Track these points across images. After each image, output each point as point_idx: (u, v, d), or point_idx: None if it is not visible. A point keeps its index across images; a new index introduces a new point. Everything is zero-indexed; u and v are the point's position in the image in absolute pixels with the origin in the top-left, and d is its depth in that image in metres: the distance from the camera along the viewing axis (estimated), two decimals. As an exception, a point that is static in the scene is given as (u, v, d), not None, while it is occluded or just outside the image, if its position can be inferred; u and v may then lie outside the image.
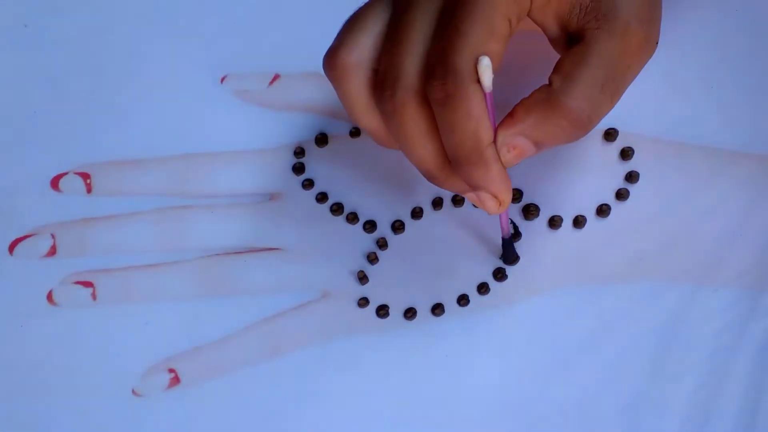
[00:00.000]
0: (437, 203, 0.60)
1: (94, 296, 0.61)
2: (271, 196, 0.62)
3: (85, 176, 0.64)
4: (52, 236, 0.63)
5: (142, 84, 0.66)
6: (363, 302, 0.59)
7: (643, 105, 0.62)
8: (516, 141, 0.48)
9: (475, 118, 0.46)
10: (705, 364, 0.56)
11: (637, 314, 0.57)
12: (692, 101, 0.62)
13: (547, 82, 0.48)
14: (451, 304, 0.58)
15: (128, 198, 0.63)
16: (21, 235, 0.63)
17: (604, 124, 0.61)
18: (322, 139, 0.63)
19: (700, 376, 0.55)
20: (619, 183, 0.60)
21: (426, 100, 0.47)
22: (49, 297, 0.61)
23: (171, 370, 0.59)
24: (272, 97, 0.65)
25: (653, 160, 0.60)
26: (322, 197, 0.62)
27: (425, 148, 0.48)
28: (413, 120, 0.47)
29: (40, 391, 0.59)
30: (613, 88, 0.48)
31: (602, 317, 0.57)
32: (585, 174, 0.61)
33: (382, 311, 0.58)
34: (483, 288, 0.58)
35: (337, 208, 0.61)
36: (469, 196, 0.51)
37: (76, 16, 0.69)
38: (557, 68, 0.48)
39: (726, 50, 0.63)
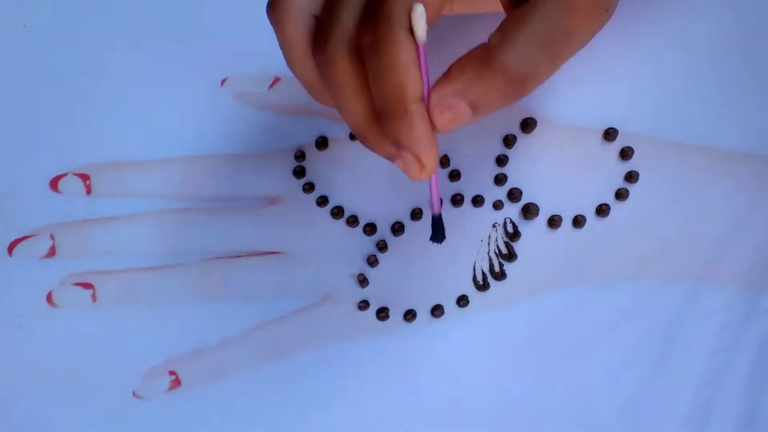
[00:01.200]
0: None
1: (94, 298, 0.61)
2: (272, 200, 0.62)
3: (84, 177, 0.64)
4: (52, 237, 0.63)
5: (142, 85, 0.66)
6: (363, 305, 0.59)
7: (643, 104, 0.62)
8: (449, 100, 0.45)
9: (402, 67, 0.44)
10: (705, 364, 0.56)
11: (637, 314, 0.57)
12: (692, 101, 0.61)
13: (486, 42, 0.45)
14: (450, 305, 0.58)
15: (128, 200, 0.63)
16: (20, 235, 0.63)
17: (604, 123, 0.61)
18: (322, 143, 0.63)
19: (700, 376, 0.55)
20: (619, 183, 0.60)
21: (360, 52, 0.45)
22: (49, 298, 0.61)
23: (172, 373, 0.59)
24: (272, 99, 0.65)
25: (653, 160, 0.60)
26: (322, 200, 0.62)
27: (355, 101, 0.46)
28: (345, 71, 0.46)
29: (40, 393, 0.59)
30: (554, 50, 0.45)
31: (602, 317, 0.57)
32: (584, 174, 0.61)
33: (383, 314, 0.59)
34: (483, 286, 0.59)
35: (337, 212, 0.61)
36: (397, 163, 0.47)
37: (75, 16, 0.69)
38: (499, 27, 0.45)
39: (726, 50, 0.63)
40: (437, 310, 0.58)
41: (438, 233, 0.53)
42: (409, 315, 0.58)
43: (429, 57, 0.45)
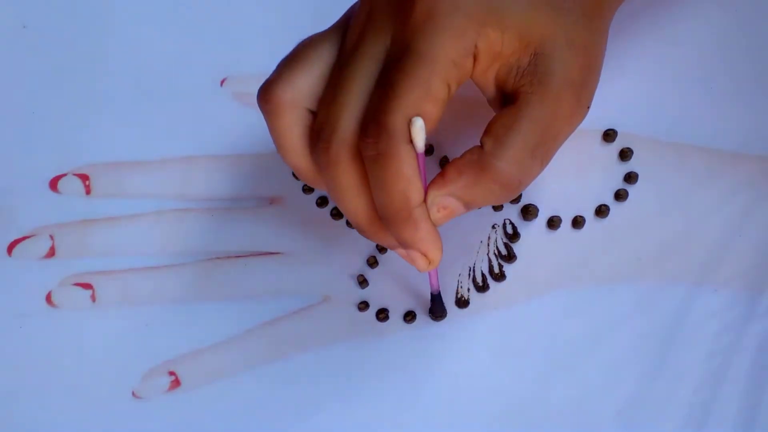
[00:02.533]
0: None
1: (93, 298, 0.61)
2: (272, 200, 0.62)
3: (84, 177, 0.64)
4: (51, 237, 0.63)
5: (142, 85, 0.66)
6: (363, 306, 0.59)
7: (642, 105, 0.62)
8: (446, 201, 0.48)
9: (405, 178, 0.46)
10: (705, 364, 0.56)
11: (637, 314, 0.57)
12: (692, 102, 0.62)
13: (479, 144, 0.47)
14: (450, 306, 0.58)
15: (127, 200, 0.63)
16: (20, 236, 0.63)
17: (604, 124, 0.61)
18: (322, 143, 0.63)
19: (700, 376, 0.55)
20: (618, 183, 0.60)
21: (360, 155, 0.46)
22: (48, 298, 0.61)
23: (171, 373, 0.59)
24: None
25: (652, 161, 0.60)
26: (322, 201, 0.62)
27: (357, 202, 0.48)
28: (346, 174, 0.47)
29: (40, 393, 0.59)
30: (543, 153, 0.48)
31: (602, 317, 0.57)
32: (584, 174, 0.61)
33: (382, 315, 0.59)
34: (483, 287, 0.59)
35: (337, 213, 0.61)
36: (399, 252, 0.51)
37: (75, 16, 0.69)
38: (488, 130, 0.47)
39: (725, 51, 0.63)
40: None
41: (438, 310, 0.58)
42: (409, 316, 0.58)
43: None
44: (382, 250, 0.60)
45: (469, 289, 0.59)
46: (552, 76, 0.47)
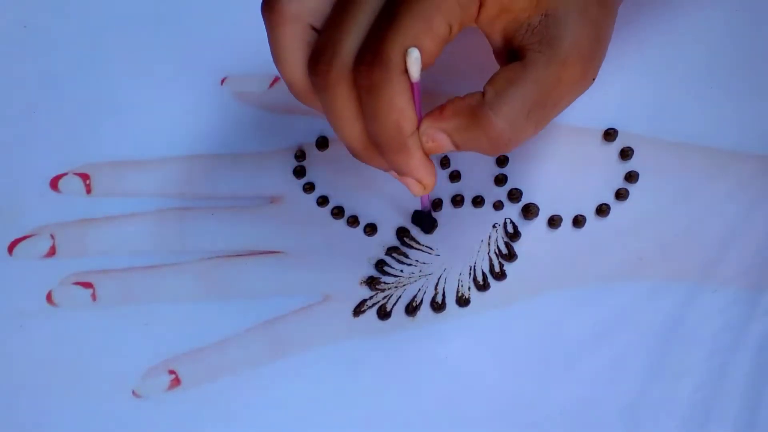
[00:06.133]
0: (437, 204, 0.61)
1: (93, 297, 0.61)
2: (272, 199, 0.62)
3: (84, 177, 0.64)
4: (52, 237, 0.63)
5: (142, 85, 0.66)
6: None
7: (643, 105, 0.62)
8: (437, 136, 0.48)
9: (398, 109, 0.46)
10: (705, 364, 0.56)
11: (637, 314, 0.57)
12: (692, 101, 0.62)
13: (482, 90, 0.48)
14: (451, 305, 0.58)
15: (128, 199, 0.63)
16: (20, 235, 0.63)
17: (604, 124, 0.61)
18: (322, 143, 0.63)
19: (700, 376, 0.55)
20: (619, 183, 0.60)
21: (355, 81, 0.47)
22: (49, 297, 0.61)
23: (171, 372, 0.59)
24: (273, 99, 0.65)
25: (653, 160, 0.60)
26: (322, 200, 0.62)
27: (352, 127, 0.48)
28: (343, 99, 0.47)
29: (40, 392, 0.59)
30: (539, 116, 0.48)
31: (602, 317, 0.57)
32: (585, 174, 0.61)
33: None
34: (483, 286, 0.59)
35: (337, 212, 0.61)
36: (393, 175, 0.51)
37: (76, 16, 0.69)
38: (492, 80, 0.48)
39: (726, 50, 0.63)
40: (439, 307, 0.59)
41: (428, 225, 0.59)
42: (411, 308, 0.59)
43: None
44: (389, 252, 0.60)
45: (469, 288, 0.59)
46: (561, 40, 0.47)
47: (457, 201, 0.61)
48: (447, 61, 0.51)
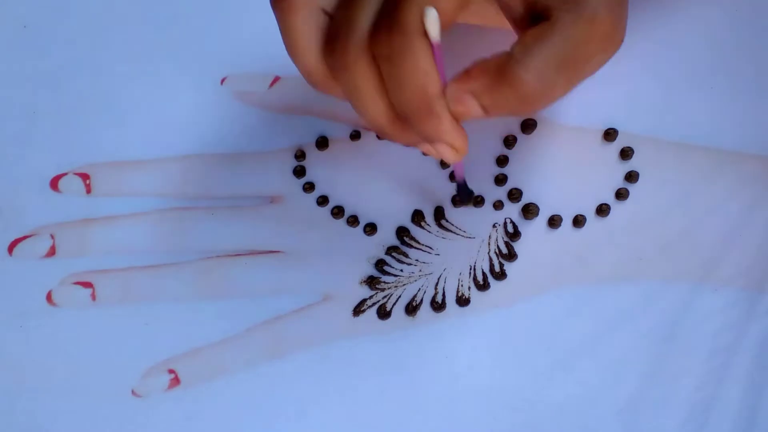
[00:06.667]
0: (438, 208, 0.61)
1: (93, 297, 0.61)
2: (272, 199, 0.62)
3: (84, 177, 0.64)
4: (52, 236, 0.63)
5: (142, 84, 0.66)
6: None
7: (643, 104, 0.62)
8: (464, 98, 0.46)
9: (422, 71, 0.45)
10: (705, 364, 0.56)
11: (637, 314, 0.57)
12: (692, 101, 0.62)
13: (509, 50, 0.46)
14: (451, 305, 0.58)
15: (128, 199, 0.63)
16: (20, 235, 0.63)
17: (604, 124, 0.61)
18: (322, 142, 0.63)
19: (700, 376, 0.55)
20: (619, 183, 0.60)
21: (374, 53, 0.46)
22: (49, 297, 0.61)
23: (171, 371, 0.59)
24: (273, 99, 0.65)
25: (653, 160, 0.60)
26: (322, 200, 0.62)
27: (376, 103, 0.47)
28: (364, 75, 0.46)
29: (40, 392, 0.59)
30: (570, 72, 0.46)
31: (602, 317, 0.57)
32: (585, 174, 0.61)
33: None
34: (484, 286, 0.59)
35: (337, 212, 0.61)
36: (424, 148, 0.50)
37: (76, 16, 0.69)
38: (520, 39, 0.46)
39: (726, 50, 0.63)
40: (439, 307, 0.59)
41: (465, 196, 0.59)
42: (411, 306, 0.59)
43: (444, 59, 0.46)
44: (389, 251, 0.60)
45: (469, 288, 0.59)
46: None
47: (457, 201, 0.61)
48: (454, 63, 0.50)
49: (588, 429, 0.55)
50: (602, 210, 0.59)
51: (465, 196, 0.59)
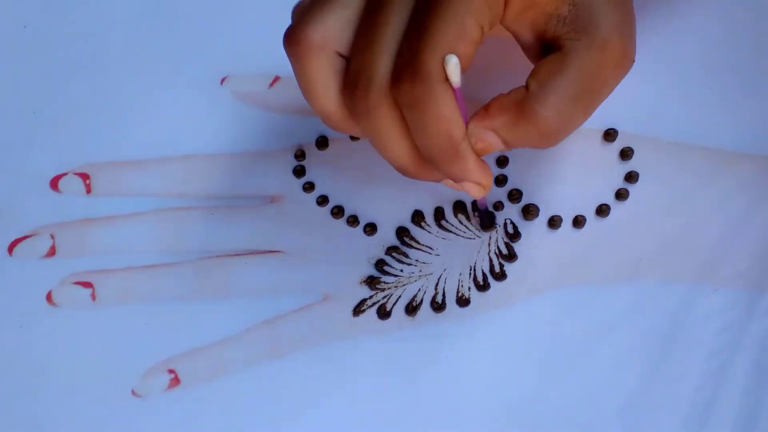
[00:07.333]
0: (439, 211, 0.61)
1: (93, 297, 0.61)
2: (272, 199, 0.62)
3: (84, 177, 0.64)
4: (52, 236, 0.63)
5: (142, 84, 0.66)
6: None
7: (643, 105, 0.62)
8: (485, 135, 0.48)
9: (446, 118, 0.46)
10: (705, 364, 0.56)
11: (637, 314, 0.57)
12: (693, 101, 0.62)
13: (525, 84, 0.47)
14: (451, 305, 0.58)
15: (128, 199, 0.63)
16: (20, 235, 0.63)
17: (604, 124, 0.61)
18: (322, 142, 0.63)
19: (700, 376, 0.55)
20: (619, 183, 0.60)
21: (396, 100, 0.47)
22: (49, 297, 0.61)
23: (171, 371, 0.59)
24: (273, 98, 0.65)
25: (653, 160, 0.60)
26: (322, 200, 0.62)
27: (399, 147, 0.48)
28: (386, 121, 0.47)
29: (40, 392, 0.59)
30: (587, 102, 0.48)
31: (602, 317, 0.57)
32: (585, 174, 0.61)
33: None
34: (484, 286, 0.59)
35: (337, 211, 0.61)
36: (449, 184, 0.51)
37: (76, 16, 0.69)
38: (534, 72, 0.47)
39: (727, 50, 0.63)
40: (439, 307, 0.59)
41: (487, 221, 0.60)
42: (411, 308, 0.59)
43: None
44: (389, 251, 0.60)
45: (470, 288, 0.59)
46: (597, 24, 0.47)
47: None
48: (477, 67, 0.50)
49: (588, 429, 0.55)
50: (602, 210, 0.59)
51: (488, 221, 0.60)
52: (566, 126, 0.48)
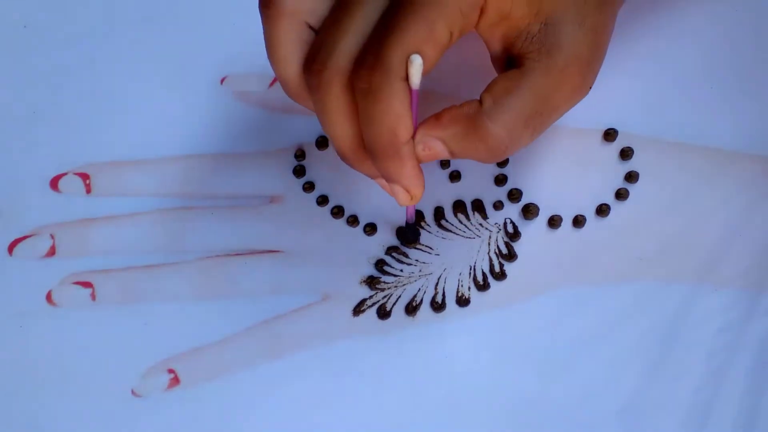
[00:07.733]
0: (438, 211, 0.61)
1: (93, 297, 0.61)
2: (272, 199, 0.62)
3: (84, 177, 0.64)
4: (52, 236, 0.63)
5: (141, 84, 0.66)
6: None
7: (643, 105, 0.62)
8: (433, 143, 0.49)
9: (396, 114, 0.46)
10: (705, 364, 0.56)
11: (637, 314, 0.57)
12: (692, 101, 0.62)
13: (479, 98, 0.48)
14: (451, 305, 0.58)
15: (128, 199, 0.63)
16: (21, 235, 0.63)
17: (604, 124, 0.61)
18: (323, 142, 0.63)
19: (700, 376, 0.55)
20: (619, 183, 0.60)
21: (352, 85, 0.47)
22: (49, 297, 0.61)
23: (170, 371, 0.58)
24: (273, 98, 0.65)
25: (653, 160, 0.60)
26: (322, 200, 0.62)
27: (343, 129, 0.49)
28: (336, 100, 0.48)
29: (40, 391, 0.59)
30: (536, 124, 0.49)
31: (602, 317, 0.57)
32: (585, 174, 0.61)
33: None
34: (483, 286, 0.59)
35: (337, 211, 0.61)
36: (380, 183, 0.52)
37: (76, 16, 0.69)
38: (489, 88, 0.48)
39: (726, 50, 0.63)
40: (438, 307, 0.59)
41: (411, 236, 0.60)
42: (410, 307, 0.59)
43: None
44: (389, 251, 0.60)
45: (469, 288, 0.59)
46: (560, 48, 0.48)
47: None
48: (444, 62, 0.51)
49: (588, 429, 0.55)
50: (602, 210, 0.59)
51: (412, 236, 0.60)
52: (513, 145, 0.48)
